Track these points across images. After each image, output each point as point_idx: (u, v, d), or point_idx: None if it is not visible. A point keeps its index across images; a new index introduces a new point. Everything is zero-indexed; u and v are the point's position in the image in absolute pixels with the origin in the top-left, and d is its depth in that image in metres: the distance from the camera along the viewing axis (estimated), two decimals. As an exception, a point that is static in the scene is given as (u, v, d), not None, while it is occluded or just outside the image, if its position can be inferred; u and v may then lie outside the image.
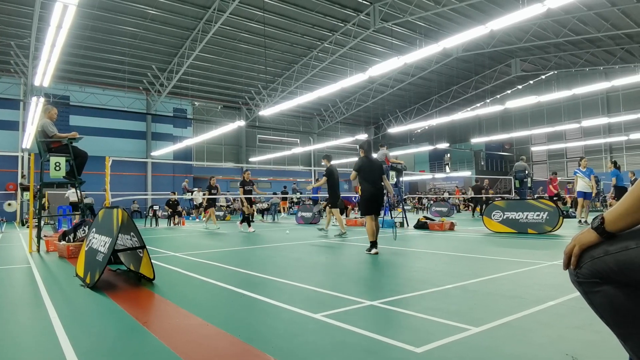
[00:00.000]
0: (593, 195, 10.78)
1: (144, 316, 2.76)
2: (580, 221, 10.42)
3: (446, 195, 27.41)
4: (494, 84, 30.68)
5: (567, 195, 22.60)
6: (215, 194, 13.21)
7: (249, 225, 10.76)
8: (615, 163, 11.15)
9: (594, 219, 1.20)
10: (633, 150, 29.49)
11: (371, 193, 5.90)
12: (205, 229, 12.48)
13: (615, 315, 1.19)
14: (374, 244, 5.73)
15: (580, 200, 10.55)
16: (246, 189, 10.97)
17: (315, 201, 18.89)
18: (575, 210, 16.03)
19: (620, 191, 10.95)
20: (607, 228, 1.16)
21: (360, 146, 6.27)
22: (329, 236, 8.50)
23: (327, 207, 9.87)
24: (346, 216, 14.32)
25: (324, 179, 8.79)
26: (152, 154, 25.94)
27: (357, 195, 12.46)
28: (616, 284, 1.17)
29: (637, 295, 1.16)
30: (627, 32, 20.92)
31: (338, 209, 9.04)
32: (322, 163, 9.16)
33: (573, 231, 8.69)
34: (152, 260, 3.82)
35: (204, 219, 16.71)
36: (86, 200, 12.23)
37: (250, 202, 11.37)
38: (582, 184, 10.41)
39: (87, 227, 5.95)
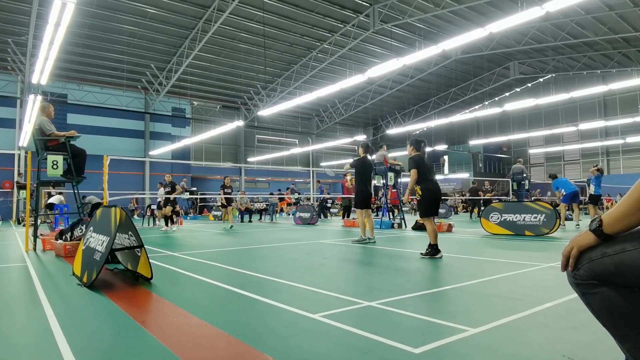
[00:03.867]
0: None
1: (141, 315, 2.75)
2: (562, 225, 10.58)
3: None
4: (493, 87, 30.80)
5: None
6: (229, 194, 13.15)
7: (166, 224, 11.56)
8: (599, 169, 11.33)
9: (592, 221, 1.21)
10: (630, 153, 29.64)
11: (434, 192, 5.36)
12: (230, 228, 12.22)
13: (613, 317, 1.20)
14: (434, 247, 5.16)
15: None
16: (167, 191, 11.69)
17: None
18: (572, 213, 16.15)
19: (594, 199, 11.24)
20: (605, 230, 1.17)
21: (410, 143, 5.66)
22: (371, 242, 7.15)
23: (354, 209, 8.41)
24: (347, 217, 14.30)
25: (346, 167, 7.54)
26: (150, 153, 25.89)
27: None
28: (613, 285, 1.18)
29: (634, 296, 1.17)
30: (624, 36, 21.03)
31: (361, 211, 7.36)
32: (358, 152, 7.59)
33: (569, 234, 8.72)
34: (149, 260, 3.81)
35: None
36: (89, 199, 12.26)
37: (167, 203, 11.74)
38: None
39: (84, 226, 5.93)
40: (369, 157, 7.51)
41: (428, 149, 28.35)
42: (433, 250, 5.16)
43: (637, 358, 1.17)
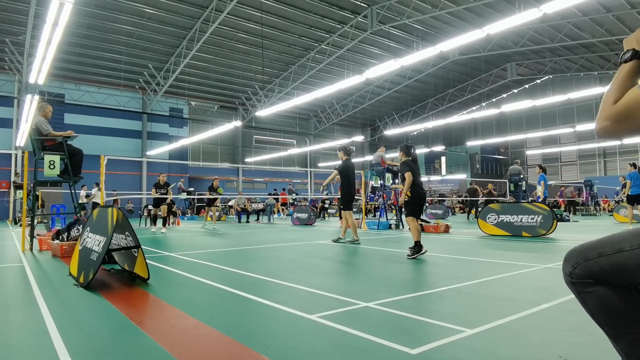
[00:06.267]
0: (540, 199, 11.09)
1: (138, 316, 2.74)
2: None
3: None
4: (490, 88, 30.88)
5: (560, 200, 22.78)
6: (214, 195, 13.58)
7: (164, 225, 11.30)
8: (634, 165, 10.86)
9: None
10: (626, 155, 29.78)
11: (421, 195, 5.78)
12: (203, 227, 12.96)
13: (607, 316, 1.20)
14: (418, 245, 5.40)
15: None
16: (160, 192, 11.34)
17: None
18: (569, 214, 16.15)
19: (632, 199, 10.71)
20: None
21: (400, 149, 5.99)
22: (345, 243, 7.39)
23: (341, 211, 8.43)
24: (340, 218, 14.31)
25: (335, 173, 7.73)
26: (148, 153, 25.82)
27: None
28: (609, 285, 1.19)
29: (630, 296, 1.18)
30: (621, 38, 21.04)
31: (351, 212, 7.78)
32: (338, 155, 7.91)
33: (567, 235, 8.75)
34: (146, 260, 3.80)
35: None
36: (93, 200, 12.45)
37: (158, 204, 11.48)
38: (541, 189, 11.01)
39: (81, 226, 5.90)
40: (351, 159, 7.86)
41: (426, 150, 28.18)
42: (417, 248, 5.37)
43: (631, 358, 1.18)
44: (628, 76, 1.09)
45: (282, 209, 22.14)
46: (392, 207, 12.28)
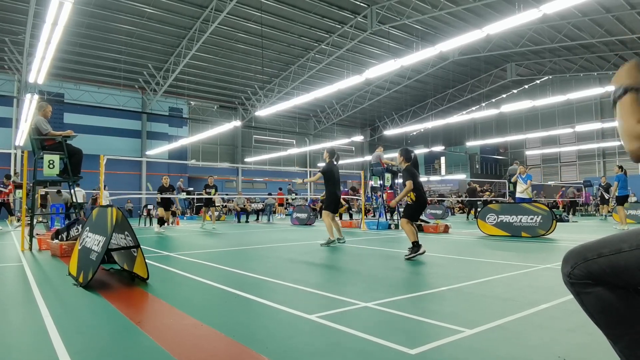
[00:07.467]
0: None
1: (137, 316, 2.74)
2: None
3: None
4: (490, 88, 30.89)
5: (559, 200, 22.80)
6: (210, 194, 13.26)
7: (160, 225, 11.15)
8: (621, 167, 11.17)
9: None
10: (626, 155, 29.77)
11: (423, 201, 5.64)
12: (202, 227, 12.86)
13: (606, 317, 1.21)
14: (416, 244, 5.29)
15: None
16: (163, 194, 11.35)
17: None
18: (568, 215, 16.16)
19: (621, 200, 10.96)
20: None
21: (400, 154, 5.83)
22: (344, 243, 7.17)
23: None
24: (340, 218, 14.34)
25: (318, 175, 7.55)
26: (147, 153, 25.80)
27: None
28: (608, 285, 1.19)
29: (629, 297, 1.18)
30: (620, 39, 21.15)
31: (329, 213, 7.27)
32: (324, 157, 7.70)
33: (567, 235, 8.76)
34: (146, 260, 3.80)
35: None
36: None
37: (165, 205, 11.49)
38: (520, 189, 10.72)
39: (80, 225, 5.90)
40: (335, 162, 7.57)
41: (426, 150, 28.23)
42: (415, 248, 5.25)
43: (630, 358, 1.18)
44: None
45: (279, 209, 22.15)
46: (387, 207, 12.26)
